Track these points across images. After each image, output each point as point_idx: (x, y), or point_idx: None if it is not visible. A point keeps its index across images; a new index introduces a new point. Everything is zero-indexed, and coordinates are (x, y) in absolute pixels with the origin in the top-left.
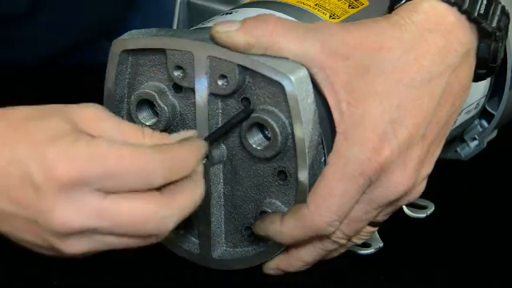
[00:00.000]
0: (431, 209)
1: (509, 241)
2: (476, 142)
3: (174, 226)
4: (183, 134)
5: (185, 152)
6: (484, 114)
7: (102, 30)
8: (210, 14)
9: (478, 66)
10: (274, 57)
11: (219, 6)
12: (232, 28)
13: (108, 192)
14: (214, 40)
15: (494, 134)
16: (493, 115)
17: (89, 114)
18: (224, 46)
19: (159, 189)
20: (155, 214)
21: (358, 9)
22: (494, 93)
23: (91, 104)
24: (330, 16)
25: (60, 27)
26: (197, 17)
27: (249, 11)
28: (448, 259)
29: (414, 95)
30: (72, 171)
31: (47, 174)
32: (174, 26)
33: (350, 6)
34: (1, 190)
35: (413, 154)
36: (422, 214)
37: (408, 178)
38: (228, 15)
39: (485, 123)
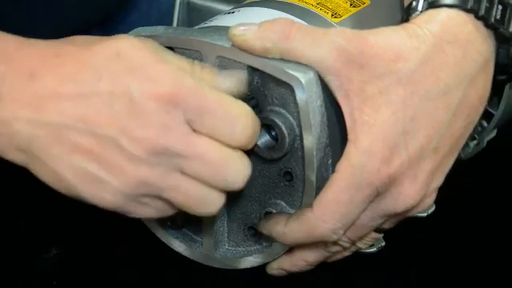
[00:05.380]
0: (431, 208)
1: (509, 241)
2: (475, 142)
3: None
4: (234, 75)
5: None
6: (483, 113)
7: (96, 20)
8: (210, 13)
9: (497, 72)
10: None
11: (219, 6)
12: (249, 32)
13: (193, 129)
14: (230, 41)
15: (494, 133)
16: (492, 115)
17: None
18: (240, 49)
19: None
20: (239, 163)
21: (360, 8)
22: (494, 92)
23: None
24: (332, 15)
25: (54, 14)
26: (196, 17)
27: (251, 11)
28: (448, 259)
29: (429, 107)
30: (176, 91)
31: (150, 90)
32: (174, 26)
33: (351, 4)
34: (73, 107)
35: (424, 166)
36: (422, 214)
37: (417, 190)
38: (230, 15)
39: (484, 123)
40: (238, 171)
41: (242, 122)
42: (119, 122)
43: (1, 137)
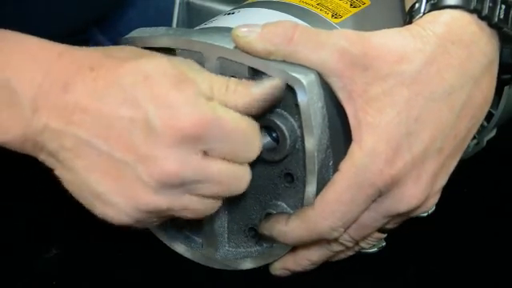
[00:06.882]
0: (432, 208)
1: (509, 241)
2: (475, 141)
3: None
4: (267, 82)
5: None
6: None
7: (94, 19)
8: (210, 14)
9: (501, 72)
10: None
11: (219, 6)
12: (252, 34)
13: (208, 154)
14: (233, 42)
15: (494, 132)
16: (492, 114)
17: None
18: (242, 51)
19: None
20: (245, 175)
21: (360, 8)
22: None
23: None
24: (333, 15)
25: (53, 14)
26: (196, 17)
27: (251, 12)
28: (448, 258)
29: (433, 108)
30: (197, 126)
31: (170, 121)
32: (173, 26)
33: (351, 5)
34: (97, 125)
35: (428, 167)
36: (422, 214)
37: (421, 191)
38: (230, 15)
39: (484, 122)
40: (243, 182)
41: (257, 142)
42: (137, 149)
43: (34, 142)
